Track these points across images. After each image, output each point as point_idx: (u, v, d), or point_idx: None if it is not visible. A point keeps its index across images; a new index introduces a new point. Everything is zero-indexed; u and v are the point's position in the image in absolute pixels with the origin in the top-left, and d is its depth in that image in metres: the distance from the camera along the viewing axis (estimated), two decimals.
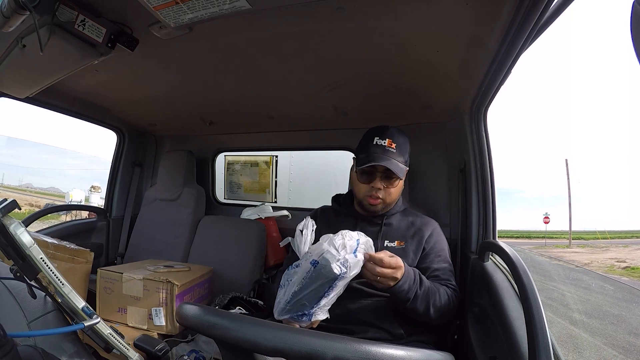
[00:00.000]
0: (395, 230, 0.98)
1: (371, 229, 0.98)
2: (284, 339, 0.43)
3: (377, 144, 0.92)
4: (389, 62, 0.92)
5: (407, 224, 0.99)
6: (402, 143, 0.95)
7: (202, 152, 1.87)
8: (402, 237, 0.96)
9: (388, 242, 0.95)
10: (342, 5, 0.68)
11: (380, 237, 0.96)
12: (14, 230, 0.52)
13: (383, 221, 0.98)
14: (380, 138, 0.92)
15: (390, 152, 0.91)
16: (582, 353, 3.70)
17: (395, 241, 0.95)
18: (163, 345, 0.69)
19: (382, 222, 0.98)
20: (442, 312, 0.85)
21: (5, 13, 0.63)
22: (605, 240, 23.24)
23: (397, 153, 0.92)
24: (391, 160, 0.90)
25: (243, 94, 1.25)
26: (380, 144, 0.91)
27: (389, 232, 0.98)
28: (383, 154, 0.90)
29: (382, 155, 0.90)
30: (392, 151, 0.91)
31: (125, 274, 1.13)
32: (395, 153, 0.92)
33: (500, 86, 0.87)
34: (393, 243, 0.95)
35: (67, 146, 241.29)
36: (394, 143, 0.92)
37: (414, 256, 0.93)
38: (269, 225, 1.63)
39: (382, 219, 0.98)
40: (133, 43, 0.83)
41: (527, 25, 0.62)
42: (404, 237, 0.96)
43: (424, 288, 0.84)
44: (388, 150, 0.91)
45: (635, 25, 0.29)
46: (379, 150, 0.91)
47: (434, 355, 0.47)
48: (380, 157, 0.90)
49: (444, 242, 1.00)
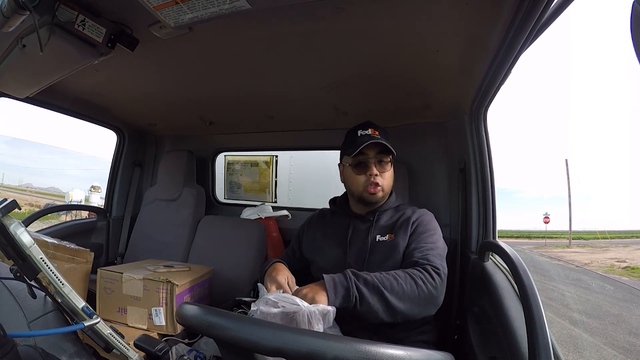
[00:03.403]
0: (387, 224, 0.99)
1: (363, 226, 1.00)
2: (284, 339, 0.43)
3: (362, 134, 0.97)
4: (389, 62, 0.92)
5: (398, 217, 1.00)
6: (383, 131, 0.99)
7: (202, 152, 1.87)
8: (391, 229, 0.97)
9: (380, 236, 0.96)
10: (342, 5, 0.68)
11: (371, 232, 0.97)
12: (14, 230, 0.52)
13: (375, 217, 0.99)
14: (363, 129, 0.98)
15: (376, 137, 0.96)
16: (582, 353, 3.70)
17: (386, 235, 0.96)
18: (163, 345, 0.69)
19: (373, 218, 0.99)
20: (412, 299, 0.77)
21: (5, 13, 0.63)
22: (605, 240, 23.23)
23: (383, 138, 0.96)
24: (380, 141, 0.94)
25: (243, 94, 1.25)
26: (365, 133, 0.97)
27: (380, 226, 0.98)
28: (371, 139, 0.95)
29: (370, 140, 0.95)
30: (377, 137, 0.96)
31: (125, 274, 1.13)
32: (381, 137, 0.96)
33: (500, 86, 0.87)
34: (385, 237, 0.96)
35: (67, 146, 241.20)
36: (377, 131, 0.97)
37: (403, 244, 0.93)
38: (269, 225, 1.63)
39: (374, 216, 1.00)
40: (133, 43, 0.83)
41: (527, 25, 0.62)
42: (393, 229, 0.97)
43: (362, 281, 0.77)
44: (374, 136, 0.96)
45: (635, 25, 0.29)
46: (365, 137, 0.96)
47: (434, 355, 0.46)
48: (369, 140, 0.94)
49: (429, 224, 0.97)
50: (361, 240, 0.97)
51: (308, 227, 1.13)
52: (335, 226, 1.05)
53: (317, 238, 1.07)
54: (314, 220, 1.14)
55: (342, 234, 1.01)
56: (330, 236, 1.04)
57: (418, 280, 0.79)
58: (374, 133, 0.97)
